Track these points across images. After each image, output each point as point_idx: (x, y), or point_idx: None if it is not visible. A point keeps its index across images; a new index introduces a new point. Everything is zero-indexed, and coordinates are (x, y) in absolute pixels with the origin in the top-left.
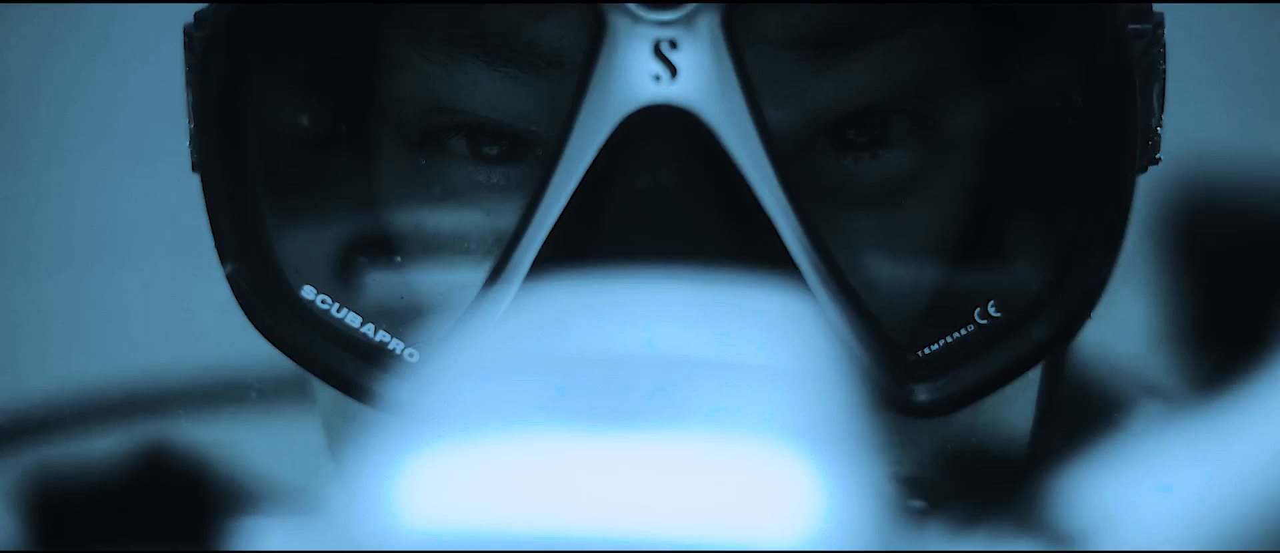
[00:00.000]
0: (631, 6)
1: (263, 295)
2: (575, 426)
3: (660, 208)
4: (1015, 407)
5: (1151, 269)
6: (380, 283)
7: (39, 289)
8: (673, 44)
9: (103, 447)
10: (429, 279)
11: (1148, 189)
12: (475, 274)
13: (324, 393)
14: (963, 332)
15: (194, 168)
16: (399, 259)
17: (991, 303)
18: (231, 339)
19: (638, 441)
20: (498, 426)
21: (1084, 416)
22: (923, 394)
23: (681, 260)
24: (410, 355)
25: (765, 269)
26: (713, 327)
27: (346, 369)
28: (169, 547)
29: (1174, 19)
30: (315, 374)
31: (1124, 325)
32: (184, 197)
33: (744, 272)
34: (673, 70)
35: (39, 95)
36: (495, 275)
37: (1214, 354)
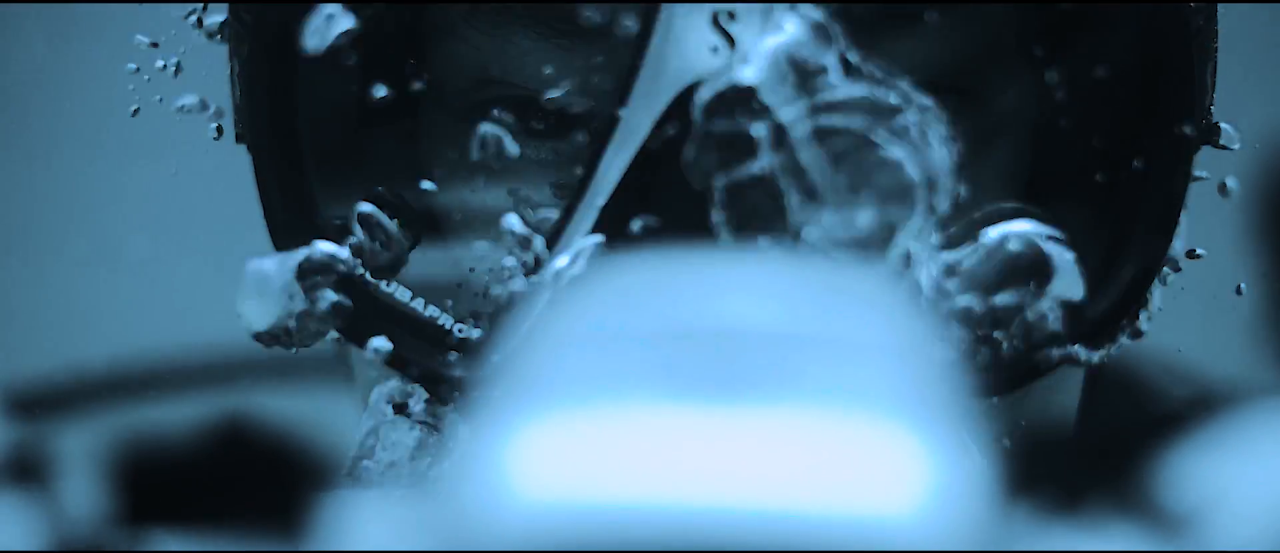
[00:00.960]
0: None
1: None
2: (676, 399)
3: (715, 185)
4: (1061, 393)
5: (1243, 255)
6: (431, 258)
7: (93, 263)
8: (731, 16)
9: (180, 417)
10: (476, 255)
11: (1242, 175)
12: (524, 251)
13: (363, 372)
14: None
15: (238, 139)
16: (449, 235)
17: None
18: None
19: (741, 415)
20: (599, 400)
21: (1134, 404)
22: (983, 375)
23: (739, 239)
24: (460, 331)
25: (821, 252)
26: (802, 302)
27: (396, 345)
28: (254, 520)
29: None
30: (364, 350)
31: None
32: (235, 173)
33: (809, 254)
34: (731, 42)
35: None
36: (549, 249)
37: None
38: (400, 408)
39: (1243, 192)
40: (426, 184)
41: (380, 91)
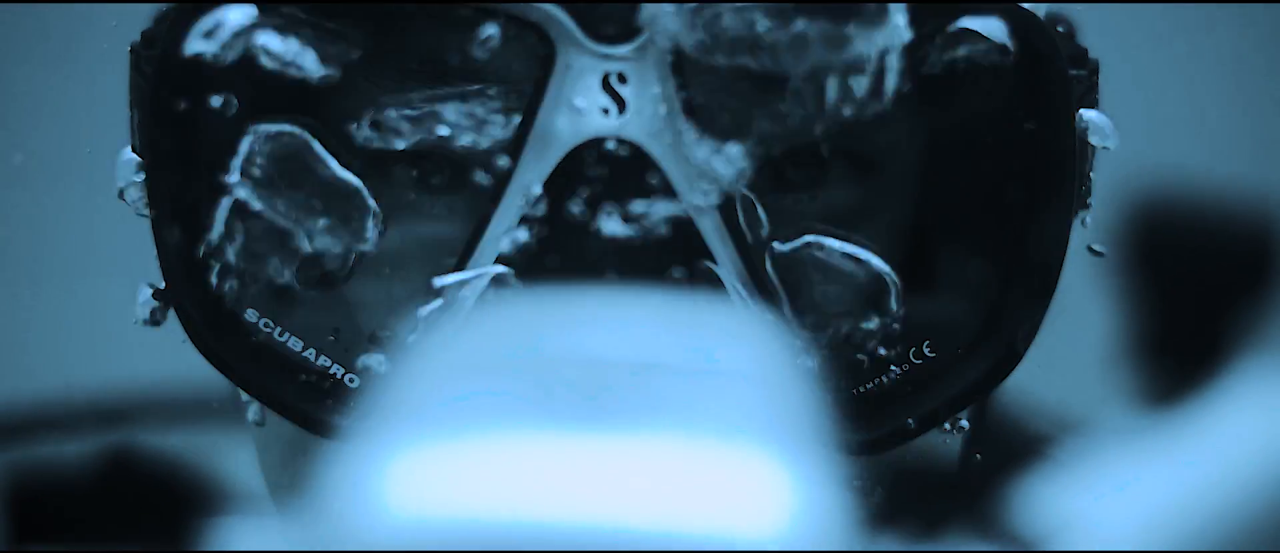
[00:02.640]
0: (582, 39)
1: (206, 319)
2: (550, 426)
3: (604, 240)
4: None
5: (1099, 291)
6: (322, 306)
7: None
8: (622, 78)
9: (70, 450)
10: (372, 305)
11: (1106, 204)
12: (418, 302)
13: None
14: (897, 371)
15: (135, 150)
16: (341, 281)
17: (925, 343)
18: (180, 355)
19: (606, 440)
20: (469, 425)
21: (1006, 441)
22: (858, 433)
23: (624, 288)
24: (350, 381)
25: (711, 296)
26: (674, 335)
27: (288, 395)
28: (140, 546)
29: (1135, 40)
30: (257, 399)
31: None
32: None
33: (692, 295)
34: (621, 104)
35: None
36: (439, 298)
37: (1170, 371)
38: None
39: (1106, 226)
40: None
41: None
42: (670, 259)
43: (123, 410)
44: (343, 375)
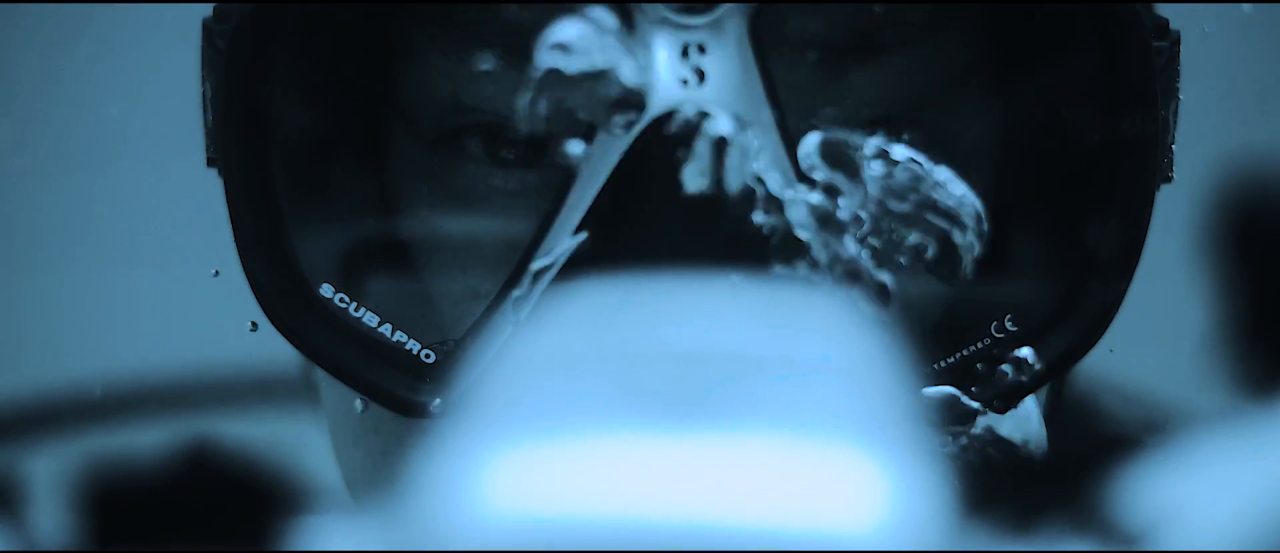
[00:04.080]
0: (660, 9)
1: (281, 293)
2: (636, 423)
3: (683, 213)
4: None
5: (1190, 275)
6: (398, 284)
7: (60, 285)
8: (701, 48)
9: (148, 442)
10: (447, 281)
11: (1190, 194)
12: (493, 277)
13: (330, 395)
14: (979, 345)
15: (209, 163)
16: (417, 260)
17: (1008, 317)
18: (249, 337)
19: (700, 438)
20: (562, 423)
21: (1088, 427)
22: (939, 406)
23: (706, 263)
24: (427, 357)
25: (784, 277)
26: (766, 326)
27: (363, 369)
28: (220, 546)
29: (1209, 23)
30: (331, 373)
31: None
32: (204, 193)
33: (775, 277)
34: (701, 75)
35: (55, 92)
36: (515, 279)
37: (1263, 358)
38: None
39: (1193, 213)
40: (396, 209)
41: (350, 119)
42: (752, 235)
43: (195, 394)
44: (419, 351)
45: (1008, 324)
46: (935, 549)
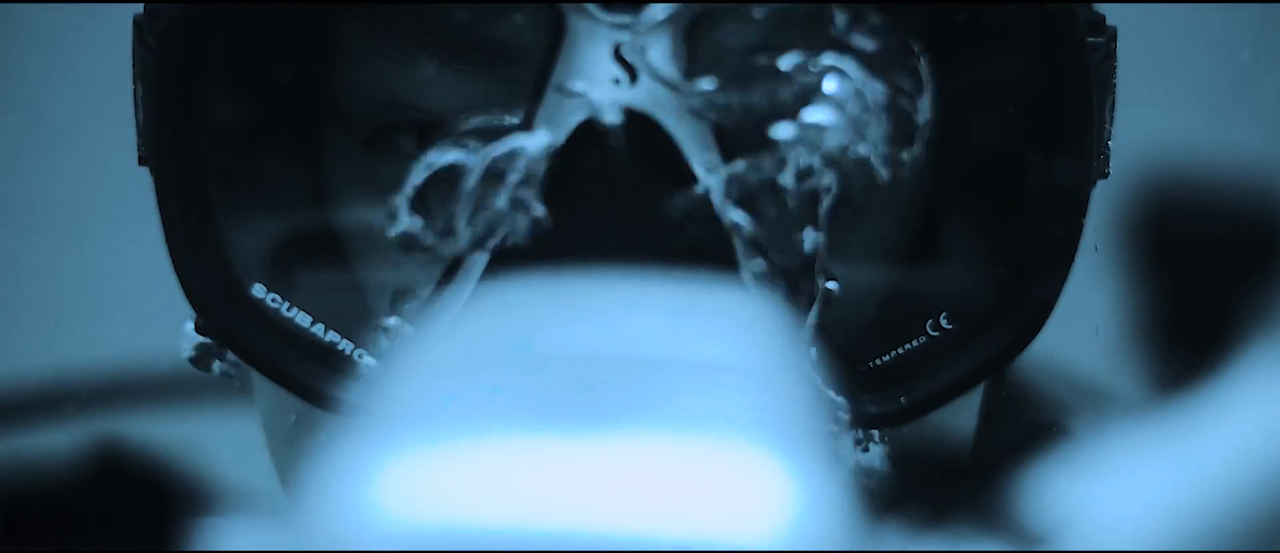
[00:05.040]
0: (591, 8)
1: (212, 292)
2: (541, 426)
3: (615, 211)
4: (960, 411)
5: (1112, 271)
6: (331, 283)
7: None
8: (632, 48)
9: (55, 443)
10: (379, 280)
11: (1111, 190)
12: (426, 276)
13: (263, 393)
14: (914, 343)
15: (141, 161)
16: (350, 259)
17: (943, 315)
18: (179, 332)
19: (605, 441)
20: (463, 426)
21: (1026, 420)
22: (872, 405)
23: (635, 263)
24: (360, 356)
25: (716, 275)
26: (676, 326)
27: (296, 369)
28: (126, 548)
29: (1136, 19)
30: (264, 374)
31: (1079, 329)
32: (134, 187)
33: (696, 276)
34: (632, 74)
35: None
36: (447, 277)
37: (1178, 356)
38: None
39: (1113, 208)
40: (329, 208)
41: (283, 116)
42: (678, 233)
43: (119, 391)
44: (351, 351)
45: (943, 322)
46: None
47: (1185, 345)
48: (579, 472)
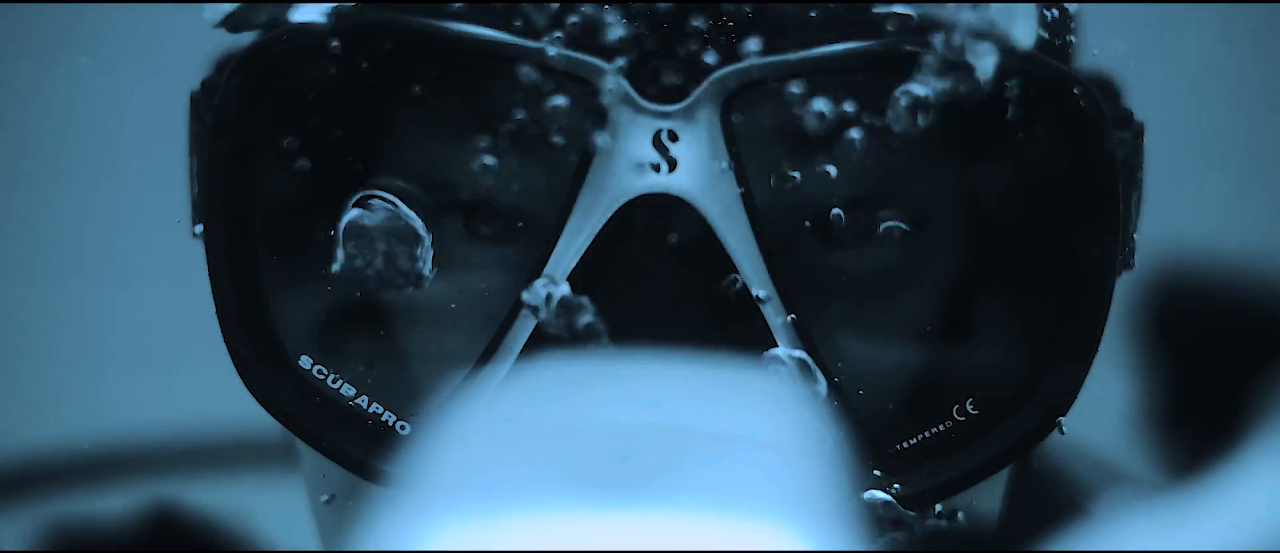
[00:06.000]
0: (634, 96)
1: (260, 362)
2: (582, 498)
3: (652, 293)
4: (985, 494)
5: (1127, 356)
6: (376, 356)
7: (42, 334)
8: (672, 135)
9: (112, 505)
10: (423, 354)
11: (1126, 278)
12: (470, 351)
13: (308, 462)
14: (940, 427)
15: (195, 230)
16: (395, 333)
17: (970, 400)
18: (230, 397)
19: (640, 515)
20: (508, 497)
21: (1051, 501)
22: (899, 487)
23: (672, 342)
24: (402, 428)
25: (747, 354)
26: (711, 403)
27: (341, 440)
28: None
29: (1163, 108)
30: (309, 443)
31: (1097, 411)
32: (188, 255)
33: (732, 356)
34: (672, 162)
35: (47, 136)
36: (489, 353)
37: (1190, 438)
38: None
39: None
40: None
41: (334, 194)
42: (715, 314)
43: (173, 457)
44: (394, 422)
45: (969, 408)
46: None
47: (1198, 430)
48: (616, 544)
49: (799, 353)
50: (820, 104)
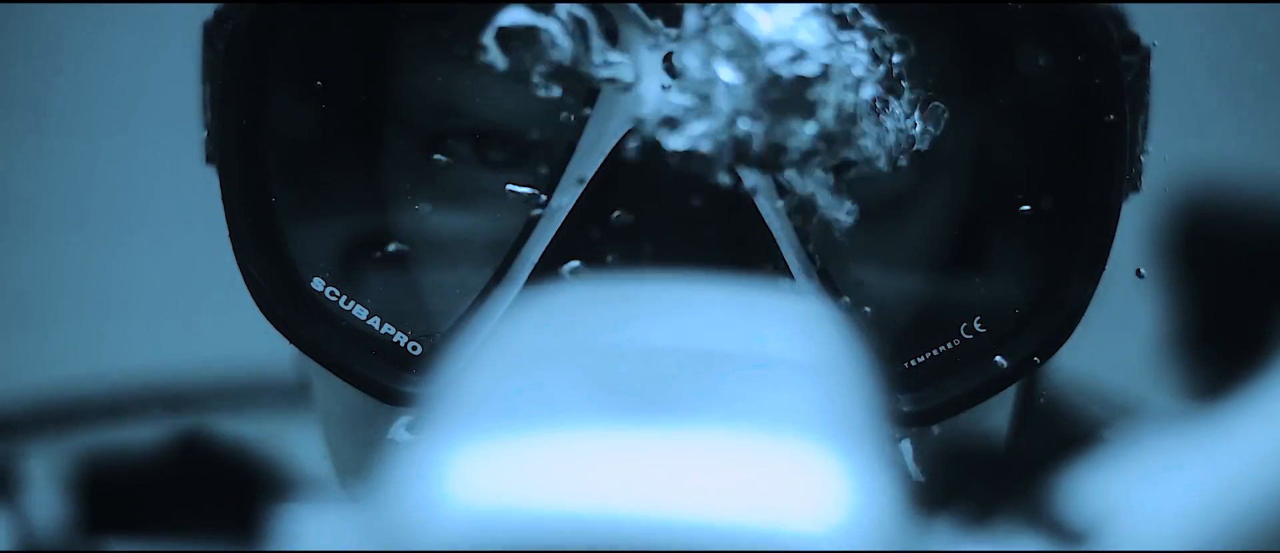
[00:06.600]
0: (643, 18)
1: (274, 286)
2: (605, 416)
3: (662, 214)
4: (992, 414)
5: (1149, 283)
6: (388, 279)
7: (57, 277)
8: (681, 55)
9: (142, 435)
10: (435, 277)
11: (1148, 205)
12: (480, 273)
13: (321, 386)
14: (948, 345)
15: (208, 160)
16: (408, 257)
17: (977, 318)
18: (243, 331)
19: (668, 433)
20: (535, 417)
21: (1059, 431)
22: (907, 405)
23: (681, 263)
24: (414, 349)
25: (760, 276)
26: (731, 323)
27: (353, 361)
28: (210, 531)
29: (1180, 36)
30: (321, 364)
31: (1116, 339)
32: (199, 188)
33: (741, 275)
34: (681, 79)
35: (55, 83)
36: (500, 274)
37: (1214, 363)
38: None
39: (1153, 217)
40: (387, 207)
41: (345, 120)
42: (724, 234)
43: (191, 395)
44: (407, 344)
45: (976, 326)
46: (891, 548)
47: (1219, 355)
48: (642, 462)
49: (812, 270)
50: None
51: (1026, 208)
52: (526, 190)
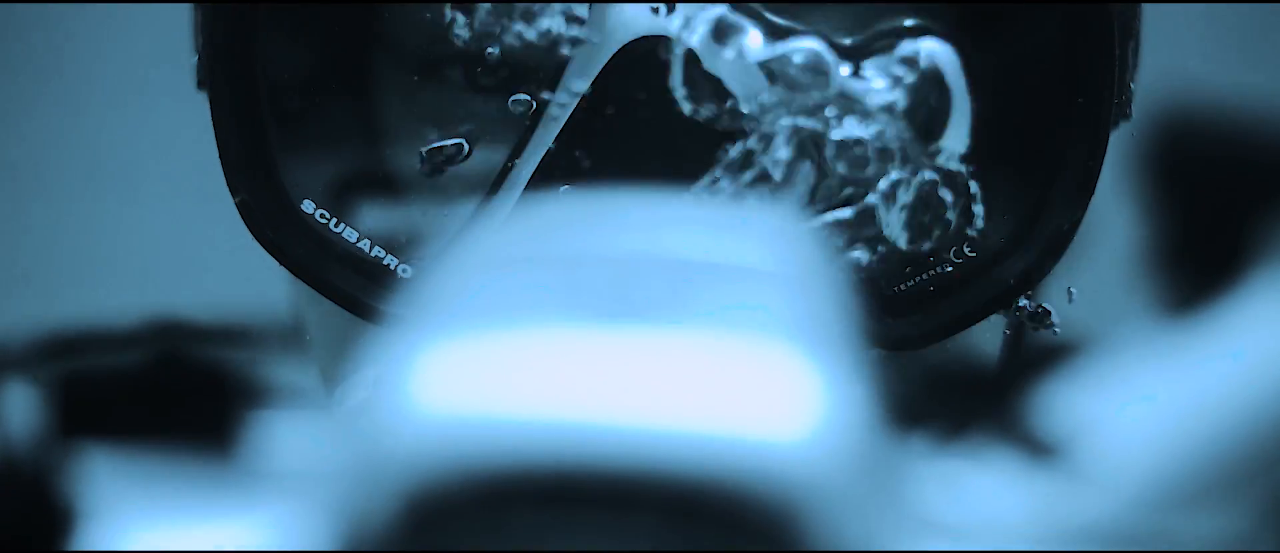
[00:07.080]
0: None
1: (264, 209)
2: (580, 320)
3: (652, 139)
4: (983, 338)
5: (1129, 201)
6: (378, 202)
7: (46, 218)
8: None
9: (114, 331)
10: (426, 202)
11: (1128, 126)
12: (470, 198)
13: (311, 309)
14: (937, 270)
15: (199, 85)
16: (396, 180)
17: (966, 244)
18: (236, 264)
19: (639, 334)
20: (504, 318)
21: (1049, 345)
22: (896, 329)
23: (674, 180)
24: (404, 271)
25: (751, 192)
26: (712, 234)
27: (341, 281)
28: (186, 437)
29: None
30: (310, 285)
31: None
32: (190, 121)
33: (731, 193)
34: (670, 4)
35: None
36: (489, 197)
37: (1191, 277)
38: None
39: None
40: (377, 131)
41: (334, 43)
42: (714, 157)
43: (177, 330)
44: (396, 266)
45: (966, 250)
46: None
47: (1197, 269)
48: (612, 363)
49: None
50: None
51: (1016, 132)
52: (526, 98)
